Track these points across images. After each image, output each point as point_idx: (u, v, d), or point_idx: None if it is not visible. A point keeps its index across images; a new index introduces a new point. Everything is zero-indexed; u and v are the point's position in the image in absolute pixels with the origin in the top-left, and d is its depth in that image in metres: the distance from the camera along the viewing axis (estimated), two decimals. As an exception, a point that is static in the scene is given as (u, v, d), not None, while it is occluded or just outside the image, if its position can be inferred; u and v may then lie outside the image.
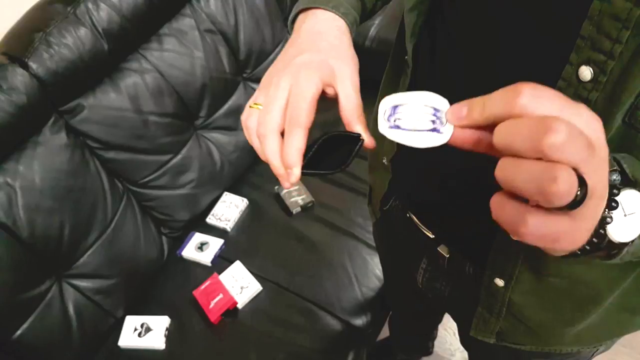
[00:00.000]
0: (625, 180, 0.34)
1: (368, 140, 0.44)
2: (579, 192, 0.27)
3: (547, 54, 0.39)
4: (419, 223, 0.64)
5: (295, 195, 1.38)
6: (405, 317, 1.31)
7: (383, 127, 0.37)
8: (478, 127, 0.32)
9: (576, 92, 0.37)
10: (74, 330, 1.13)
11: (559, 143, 0.26)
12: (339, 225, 1.33)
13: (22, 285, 1.04)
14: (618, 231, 0.33)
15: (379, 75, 0.68)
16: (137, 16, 1.16)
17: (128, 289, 1.25)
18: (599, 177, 0.29)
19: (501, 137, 0.29)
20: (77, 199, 1.12)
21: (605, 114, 0.36)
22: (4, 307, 1.01)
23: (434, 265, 0.68)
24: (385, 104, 0.37)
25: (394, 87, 0.59)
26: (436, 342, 1.56)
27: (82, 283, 1.16)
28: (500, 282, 0.54)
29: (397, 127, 0.36)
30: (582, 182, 0.27)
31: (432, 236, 0.63)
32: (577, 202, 0.27)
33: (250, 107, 0.47)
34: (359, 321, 1.19)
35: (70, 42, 1.06)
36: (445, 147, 0.54)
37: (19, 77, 1.00)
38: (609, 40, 0.34)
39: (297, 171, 0.43)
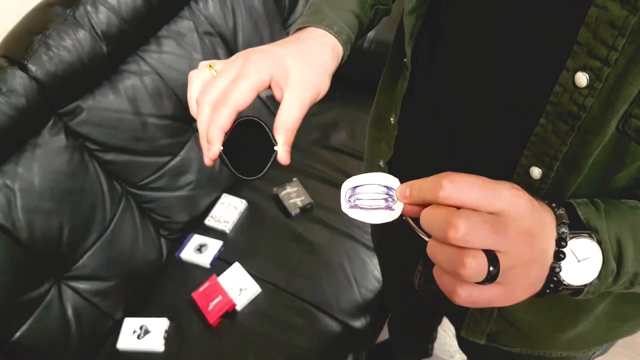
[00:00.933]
0: (578, 226, 0.37)
1: (282, 156, 0.45)
2: (491, 269, 0.32)
3: (544, 59, 0.39)
4: (414, 226, 0.64)
5: (294, 197, 1.38)
6: (404, 318, 1.31)
7: (344, 207, 0.42)
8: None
9: (572, 97, 0.37)
10: (72, 332, 1.13)
11: (460, 237, 0.31)
12: (337, 227, 1.33)
13: (21, 287, 1.05)
14: (572, 276, 0.36)
15: (377, 76, 0.68)
16: (135, 19, 1.16)
17: (127, 290, 1.25)
18: (519, 249, 0.33)
19: (423, 222, 0.35)
20: (76, 201, 1.12)
21: (600, 120, 0.37)
22: (3, 309, 1.02)
23: (429, 268, 0.68)
24: (346, 186, 0.42)
25: (392, 90, 0.59)
26: (435, 344, 1.56)
27: (81, 285, 1.16)
28: None
29: (357, 206, 0.41)
30: (493, 260, 0.32)
31: (427, 239, 0.64)
32: (491, 277, 0.32)
33: (208, 65, 0.48)
34: (358, 323, 1.20)
35: (69, 45, 1.06)
36: (441, 151, 0.55)
37: (18, 80, 1.00)
38: (605, 47, 0.34)
39: (215, 148, 0.43)
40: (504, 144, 0.45)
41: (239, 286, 1.22)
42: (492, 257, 0.32)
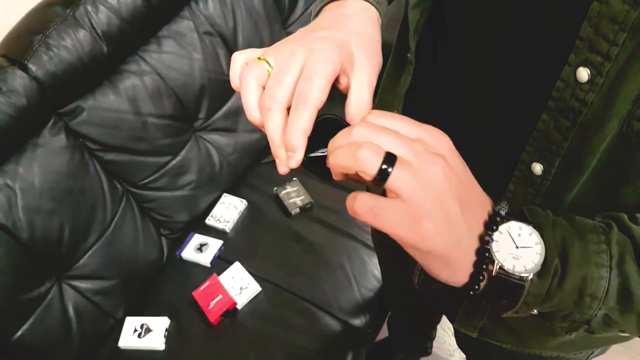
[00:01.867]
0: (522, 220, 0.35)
1: None
2: (384, 166, 0.31)
3: (546, 54, 0.40)
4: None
5: (294, 197, 1.38)
6: (404, 317, 1.31)
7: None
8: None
9: (574, 93, 0.37)
10: (74, 331, 1.14)
11: (360, 134, 0.33)
12: (337, 226, 1.33)
13: (22, 286, 1.05)
14: (509, 261, 0.34)
15: (378, 77, 0.68)
16: (136, 18, 1.16)
17: (128, 290, 1.25)
18: (430, 171, 0.32)
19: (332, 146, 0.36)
20: (76, 201, 1.12)
21: (600, 116, 0.37)
22: (4, 309, 1.02)
23: None
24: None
25: (395, 86, 0.59)
26: (435, 343, 1.56)
27: (82, 284, 1.17)
28: None
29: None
30: (390, 158, 0.32)
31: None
32: (383, 171, 0.32)
33: (258, 58, 0.41)
34: (358, 321, 1.20)
35: (70, 45, 1.06)
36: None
37: (18, 80, 1.00)
38: (606, 42, 0.34)
39: (299, 155, 0.38)
40: (506, 140, 0.45)
41: (240, 285, 1.23)
42: (390, 155, 0.32)
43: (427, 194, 0.32)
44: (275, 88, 0.39)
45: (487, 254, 0.34)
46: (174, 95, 1.29)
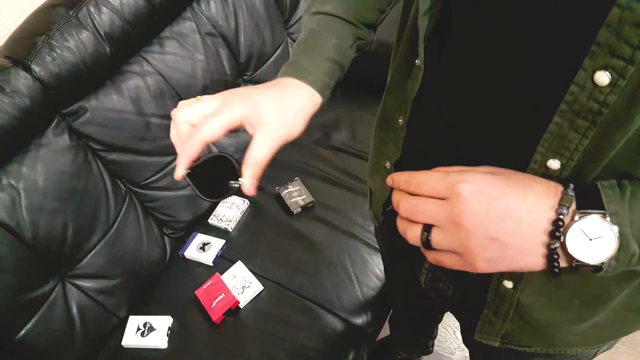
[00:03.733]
0: (598, 206, 0.39)
1: (247, 188, 0.51)
2: (429, 237, 0.42)
3: (558, 60, 0.40)
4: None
5: (296, 196, 1.39)
6: (406, 316, 1.32)
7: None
8: None
9: (592, 95, 0.37)
10: (77, 330, 1.14)
11: (402, 211, 0.44)
12: (339, 225, 1.34)
13: (26, 285, 1.06)
14: (585, 254, 0.39)
15: (377, 77, 0.68)
16: (138, 19, 1.17)
17: (131, 289, 1.26)
18: (463, 227, 0.39)
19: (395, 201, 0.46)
20: (80, 200, 1.13)
21: (623, 115, 0.37)
22: (8, 308, 1.02)
23: (437, 266, 0.68)
24: None
25: (401, 91, 0.59)
26: (436, 341, 1.57)
27: (85, 283, 1.17)
28: (509, 284, 0.53)
29: None
30: (427, 230, 0.42)
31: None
32: (426, 243, 0.42)
33: (197, 98, 0.55)
34: (359, 320, 1.20)
35: (73, 46, 1.07)
36: (450, 152, 0.55)
37: (21, 80, 1.01)
38: (630, 47, 0.34)
39: (179, 171, 0.53)
40: (516, 144, 0.45)
41: (242, 284, 1.23)
42: (427, 227, 0.42)
43: (463, 243, 0.40)
44: (186, 107, 0.53)
45: (555, 256, 0.39)
46: (177, 96, 1.30)
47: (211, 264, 1.30)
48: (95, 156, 1.19)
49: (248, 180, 0.50)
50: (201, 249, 1.32)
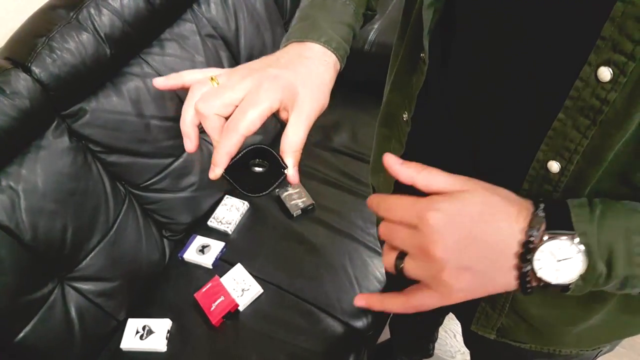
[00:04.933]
0: (567, 226, 0.38)
1: (292, 176, 0.47)
2: (401, 266, 0.41)
3: (563, 54, 0.39)
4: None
5: (296, 198, 1.38)
6: (406, 319, 1.31)
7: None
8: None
9: (594, 92, 0.37)
10: (76, 333, 1.14)
11: (381, 235, 0.43)
12: (339, 228, 1.34)
13: (25, 287, 1.05)
14: (552, 275, 0.39)
15: (377, 78, 0.68)
16: (138, 21, 1.17)
17: (130, 291, 1.25)
18: (431, 255, 0.38)
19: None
20: (79, 202, 1.13)
21: (623, 114, 0.37)
22: (7, 310, 1.02)
23: None
24: None
25: (405, 87, 0.58)
26: (437, 345, 1.56)
27: (85, 286, 1.17)
28: None
29: None
30: (401, 257, 0.41)
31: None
32: (399, 271, 0.41)
33: (210, 78, 0.48)
34: (360, 323, 1.20)
35: (73, 47, 1.07)
36: (454, 148, 0.54)
37: (22, 82, 1.01)
38: (631, 42, 0.34)
39: (218, 171, 0.47)
40: (520, 140, 0.45)
41: (241, 287, 1.23)
42: (402, 254, 0.41)
43: (436, 275, 0.39)
44: (213, 98, 0.46)
45: (527, 278, 0.39)
46: (176, 98, 1.29)
47: (210, 267, 1.29)
48: (94, 158, 1.19)
49: (292, 168, 0.47)
50: (200, 252, 1.32)
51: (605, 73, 0.36)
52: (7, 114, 0.98)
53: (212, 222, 1.38)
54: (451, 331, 1.63)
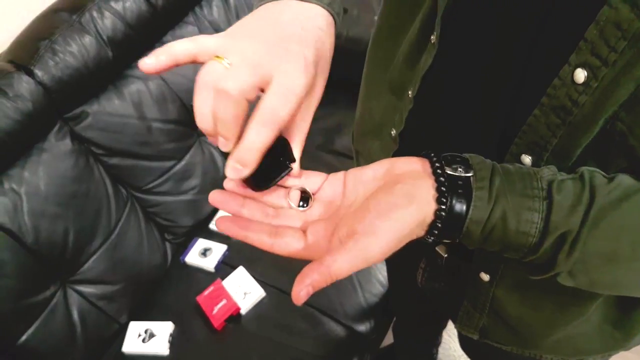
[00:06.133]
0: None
1: (296, 170, 0.44)
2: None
3: (549, 52, 0.40)
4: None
5: (298, 201, 1.38)
6: (409, 323, 1.31)
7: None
8: None
9: (568, 92, 0.38)
10: (78, 336, 1.14)
11: None
12: (342, 231, 1.33)
13: (27, 290, 1.05)
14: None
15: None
16: (141, 24, 1.18)
17: (132, 294, 1.25)
18: None
19: None
20: (81, 205, 1.13)
21: (590, 118, 0.38)
22: (9, 313, 1.02)
23: (432, 265, 0.69)
24: None
25: (412, 66, 0.57)
26: (440, 349, 1.55)
27: (87, 289, 1.17)
28: (485, 277, 0.54)
29: None
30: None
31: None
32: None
33: (215, 57, 0.38)
34: (363, 327, 1.19)
35: (75, 50, 1.07)
36: (447, 129, 0.54)
37: (24, 85, 1.01)
38: (607, 47, 0.35)
39: (246, 172, 0.38)
40: (501, 131, 0.46)
41: (244, 290, 1.22)
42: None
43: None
44: (233, 74, 0.37)
45: (443, 188, 0.37)
46: (178, 100, 1.29)
47: (212, 270, 1.29)
48: (96, 161, 1.19)
49: (297, 164, 0.44)
50: (202, 255, 1.31)
51: (580, 75, 0.37)
52: (10, 117, 0.99)
53: (214, 225, 1.38)
54: (454, 335, 1.62)
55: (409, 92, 0.59)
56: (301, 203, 0.44)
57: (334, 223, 0.41)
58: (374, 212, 0.37)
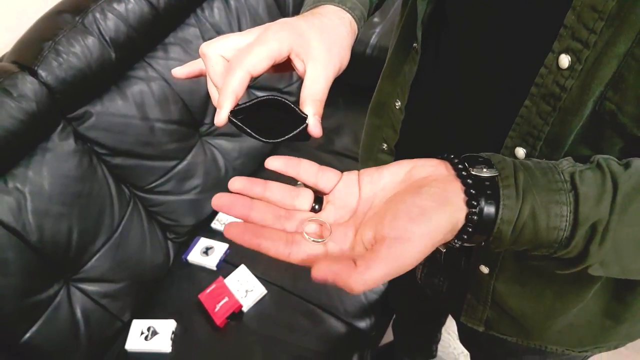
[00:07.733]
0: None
1: (313, 125, 0.42)
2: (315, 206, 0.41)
3: (532, 42, 0.41)
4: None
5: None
6: (409, 320, 1.32)
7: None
8: None
9: (555, 79, 0.39)
10: (81, 334, 1.15)
11: None
12: (342, 229, 1.34)
13: (31, 289, 1.06)
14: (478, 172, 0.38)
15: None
16: (143, 26, 1.19)
17: (135, 293, 1.26)
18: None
19: None
20: (84, 204, 1.14)
21: (578, 101, 0.39)
22: (13, 311, 1.03)
23: (431, 261, 0.70)
24: None
25: (397, 75, 0.59)
26: (440, 346, 1.56)
27: (90, 287, 1.18)
28: (485, 269, 0.55)
29: None
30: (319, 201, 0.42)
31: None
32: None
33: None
34: (363, 324, 1.21)
35: (79, 51, 1.09)
36: (444, 134, 0.56)
37: (28, 85, 1.02)
38: (586, 30, 0.36)
39: (224, 114, 0.40)
40: (495, 126, 0.47)
41: (245, 288, 1.23)
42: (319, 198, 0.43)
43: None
44: (219, 39, 0.44)
45: (472, 191, 0.36)
46: (181, 101, 1.31)
47: (214, 268, 1.30)
48: (100, 160, 1.20)
49: (312, 117, 0.42)
50: (204, 254, 1.32)
51: (564, 60, 0.38)
52: (14, 117, 1.00)
53: (215, 224, 1.39)
54: (454, 332, 1.63)
55: (397, 104, 0.60)
56: (315, 205, 0.42)
57: (354, 227, 0.39)
58: (406, 217, 0.34)
